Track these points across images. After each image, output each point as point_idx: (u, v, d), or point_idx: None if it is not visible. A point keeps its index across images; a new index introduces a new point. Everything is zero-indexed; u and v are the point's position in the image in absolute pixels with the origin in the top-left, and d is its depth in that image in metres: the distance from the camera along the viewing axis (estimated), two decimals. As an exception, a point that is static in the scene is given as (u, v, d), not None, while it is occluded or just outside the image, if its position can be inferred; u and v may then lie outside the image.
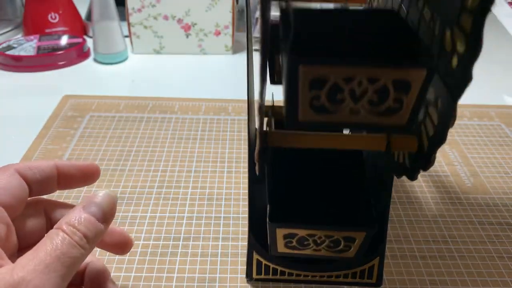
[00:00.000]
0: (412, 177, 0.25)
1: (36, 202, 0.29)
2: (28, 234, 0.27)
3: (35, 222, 0.28)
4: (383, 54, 0.22)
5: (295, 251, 0.29)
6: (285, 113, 0.22)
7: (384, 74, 0.20)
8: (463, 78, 0.20)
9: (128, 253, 0.31)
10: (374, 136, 0.26)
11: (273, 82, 0.32)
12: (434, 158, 0.24)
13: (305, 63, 0.20)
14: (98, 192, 0.26)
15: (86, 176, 0.30)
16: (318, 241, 0.28)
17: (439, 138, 0.23)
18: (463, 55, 0.20)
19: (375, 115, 0.22)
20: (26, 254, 0.23)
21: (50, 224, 0.28)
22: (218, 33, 0.69)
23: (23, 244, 0.26)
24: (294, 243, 0.28)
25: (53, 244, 0.23)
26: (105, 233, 0.27)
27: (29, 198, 0.27)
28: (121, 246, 0.30)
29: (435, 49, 0.23)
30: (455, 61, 0.21)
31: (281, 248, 0.29)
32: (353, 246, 0.28)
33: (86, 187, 0.41)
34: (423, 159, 0.25)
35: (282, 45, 0.23)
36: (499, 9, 0.83)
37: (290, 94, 0.21)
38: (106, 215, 0.26)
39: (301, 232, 0.28)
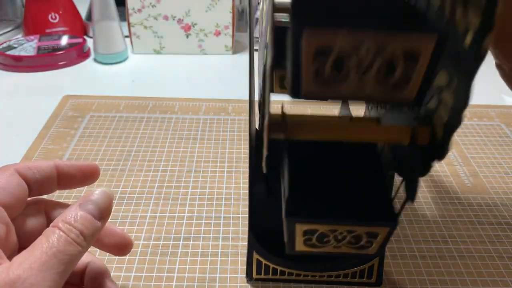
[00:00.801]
0: (424, 172, 0.25)
1: (37, 202, 0.29)
2: (28, 234, 0.27)
3: (35, 221, 0.28)
4: (392, 22, 0.21)
5: (314, 249, 0.27)
6: (289, 86, 0.21)
7: (393, 41, 0.19)
8: (478, 53, 0.19)
9: (128, 253, 0.31)
10: (397, 128, 0.24)
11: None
12: (450, 145, 0.23)
13: (309, 27, 0.18)
14: (95, 190, 0.26)
15: (86, 176, 0.30)
16: (339, 237, 0.26)
17: (455, 121, 0.22)
18: (478, 29, 0.19)
19: (382, 88, 0.20)
20: (22, 253, 0.23)
21: (50, 224, 0.28)
22: (218, 33, 0.69)
23: (23, 244, 0.26)
24: (314, 240, 0.27)
25: (49, 242, 0.23)
26: (101, 231, 0.27)
27: (29, 198, 0.27)
28: (121, 247, 0.30)
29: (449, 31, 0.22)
30: (469, 39, 0.20)
31: (299, 246, 0.27)
32: (375, 242, 0.27)
33: (86, 187, 0.41)
34: (437, 148, 0.24)
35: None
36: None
37: (293, 65, 0.20)
38: (103, 212, 0.26)
39: (322, 228, 0.26)
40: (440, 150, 0.23)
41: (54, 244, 0.23)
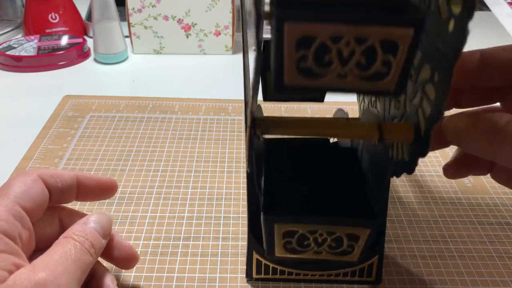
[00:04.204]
0: (410, 168, 0.25)
1: (52, 208, 0.29)
2: (42, 238, 0.28)
3: (50, 227, 0.29)
4: (372, 11, 0.21)
5: (295, 255, 0.28)
6: (272, 78, 0.21)
7: (371, 32, 0.20)
8: (461, 37, 0.20)
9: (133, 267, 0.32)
10: (366, 124, 0.25)
11: (265, 98, 0.32)
12: (431, 140, 0.23)
13: (291, 19, 0.19)
14: (95, 212, 0.28)
15: (103, 190, 0.31)
16: (320, 240, 0.27)
17: (437, 113, 0.22)
18: (460, 16, 0.20)
19: (363, 80, 0.21)
20: (41, 257, 0.24)
21: (63, 230, 0.29)
22: (218, 33, 0.69)
23: (38, 247, 0.28)
24: (294, 244, 0.27)
25: (66, 249, 0.24)
26: (111, 243, 0.30)
27: None
28: (128, 260, 0.31)
29: (432, 19, 0.23)
30: (451, 25, 0.21)
31: (279, 250, 0.28)
32: (356, 247, 0.27)
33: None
34: (420, 144, 0.24)
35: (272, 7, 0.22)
36: (499, 9, 0.83)
37: (276, 56, 0.20)
38: (106, 231, 0.28)
39: (302, 228, 0.26)
40: (422, 146, 0.24)
41: (72, 252, 0.24)
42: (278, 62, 0.21)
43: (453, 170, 0.31)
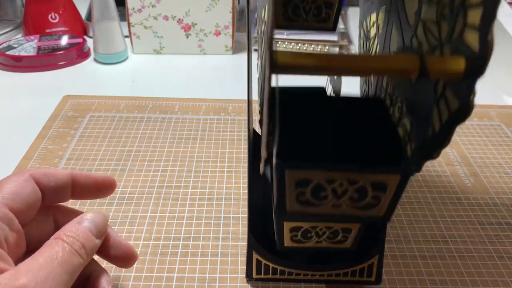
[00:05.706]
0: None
1: (47, 207, 0.29)
2: (36, 238, 0.27)
3: (44, 226, 0.29)
4: (362, 158, 0.24)
5: (300, 244, 0.29)
6: (274, 203, 0.24)
7: (362, 177, 0.22)
8: (417, 164, 0.22)
9: (132, 266, 0.32)
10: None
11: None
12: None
13: (290, 168, 0.22)
14: (91, 211, 0.28)
15: (101, 188, 0.31)
16: (320, 233, 0.28)
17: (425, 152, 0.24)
18: (426, 143, 0.22)
19: (355, 209, 0.24)
20: (27, 260, 0.23)
21: (58, 229, 0.28)
22: (218, 33, 0.69)
23: (30, 247, 0.27)
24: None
25: (54, 251, 0.24)
26: (108, 242, 0.29)
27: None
28: (126, 259, 0.30)
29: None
30: (436, 127, 0.22)
31: (287, 241, 0.28)
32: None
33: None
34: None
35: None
36: (499, 9, 0.83)
37: (278, 191, 0.23)
38: (100, 231, 0.27)
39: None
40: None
41: (59, 254, 0.23)
42: (280, 197, 0.24)
43: None
